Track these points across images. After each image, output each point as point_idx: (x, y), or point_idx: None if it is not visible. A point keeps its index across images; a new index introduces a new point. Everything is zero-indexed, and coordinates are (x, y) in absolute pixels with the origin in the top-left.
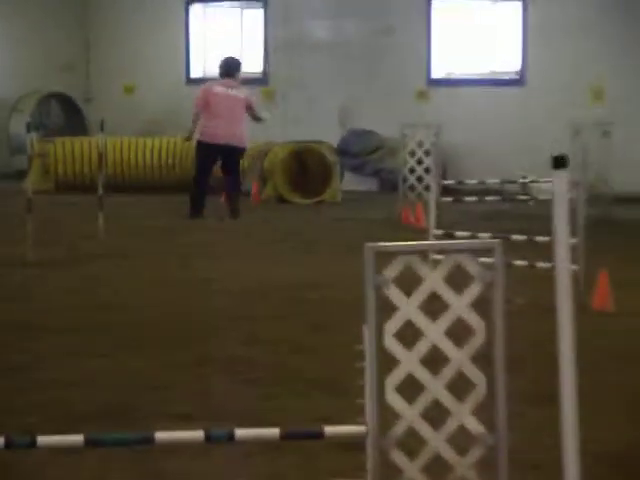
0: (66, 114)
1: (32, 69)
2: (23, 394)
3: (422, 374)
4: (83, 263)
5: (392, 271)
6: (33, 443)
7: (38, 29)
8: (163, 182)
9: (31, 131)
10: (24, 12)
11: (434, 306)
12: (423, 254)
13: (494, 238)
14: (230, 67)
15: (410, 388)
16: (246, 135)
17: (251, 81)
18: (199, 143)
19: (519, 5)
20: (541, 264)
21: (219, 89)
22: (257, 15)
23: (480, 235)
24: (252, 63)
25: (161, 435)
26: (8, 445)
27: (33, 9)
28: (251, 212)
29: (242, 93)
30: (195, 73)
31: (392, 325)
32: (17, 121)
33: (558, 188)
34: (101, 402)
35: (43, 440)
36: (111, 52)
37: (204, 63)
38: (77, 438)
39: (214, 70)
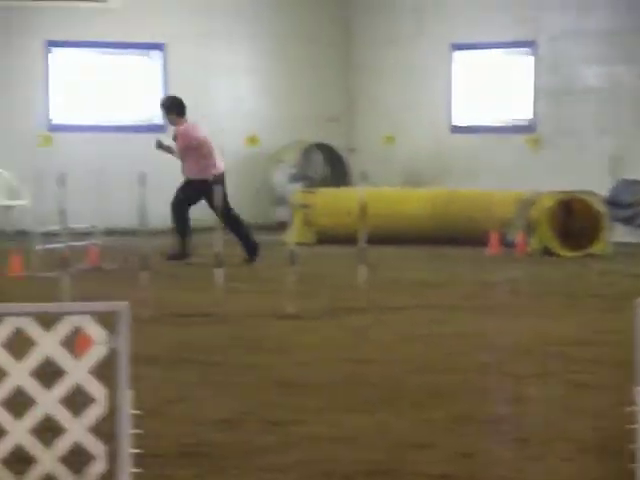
0: (329, 165)
1: (296, 120)
2: (284, 451)
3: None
4: (342, 316)
5: None
6: None
7: (302, 80)
8: (426, 233)
9: (294, 182)
10: (290, 64)
11: None
12: None
13: None
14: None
15: None
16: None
17: (518, 128)
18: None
19: None
20: None
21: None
22: (526, 62)
23: None
24: (519, 110)
25: None
26: None
27: (298, 61)
28: (516, 264)
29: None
30: (458, 121)
31: None
32: (280, 172)
33: None
34: (364, 460)
35: None
36: (375, 102)
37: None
38: None
39: (480, 117)
